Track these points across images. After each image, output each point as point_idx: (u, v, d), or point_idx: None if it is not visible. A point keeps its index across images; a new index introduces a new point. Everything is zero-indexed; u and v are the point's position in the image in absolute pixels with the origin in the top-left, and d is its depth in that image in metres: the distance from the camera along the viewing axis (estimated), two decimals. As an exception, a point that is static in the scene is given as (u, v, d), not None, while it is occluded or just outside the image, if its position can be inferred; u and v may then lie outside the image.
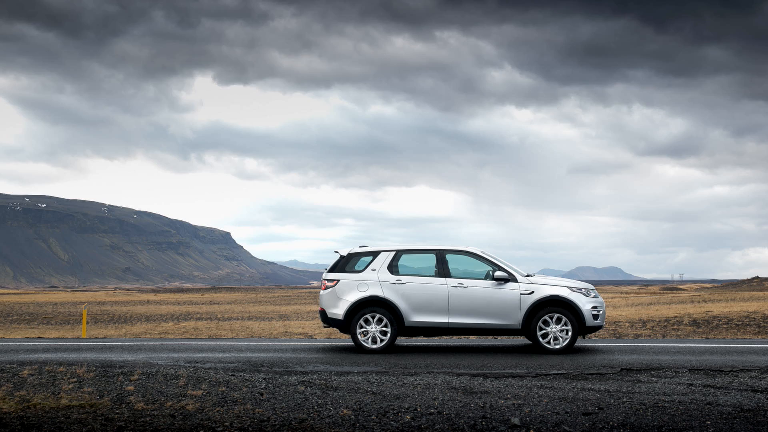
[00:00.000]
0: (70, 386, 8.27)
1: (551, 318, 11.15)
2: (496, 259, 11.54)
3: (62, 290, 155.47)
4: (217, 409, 7.15)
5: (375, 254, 11.64)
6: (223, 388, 8.06)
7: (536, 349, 11.37)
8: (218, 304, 58.70)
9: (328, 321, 11.58)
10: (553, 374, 8.99)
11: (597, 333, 20.00)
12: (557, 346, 11.11)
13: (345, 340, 14.82)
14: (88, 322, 35.22)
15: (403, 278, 11.41)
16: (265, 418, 6.77)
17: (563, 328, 11.13)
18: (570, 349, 11.18)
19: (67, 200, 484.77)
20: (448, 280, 11.35)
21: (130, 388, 8.13)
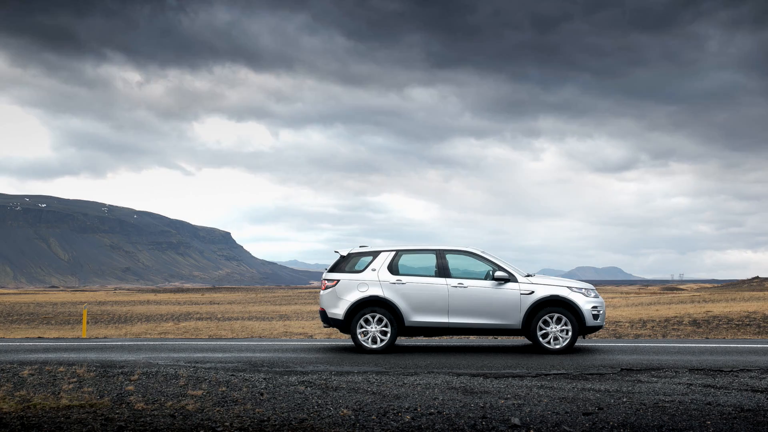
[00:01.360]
0: (70, 386, 8.27)
1: (551, 318, 11.15)
2: (497, 259, 11.53)
3: (62, 290, 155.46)
4: (217, 409, 7.15)
5: (375, 254, 11.64)
6: (223, 388, 8.06)
7: (536, 349, 11.37)
8: (218, 304, 58.71)
9: (328, 321, 11.58)
10: (553, 374, 8.98)
11: (597, 333, 20.00)
12: (557, 346, 11.11)
13: (345, 340, 14.82)
14: (88, 322, 35.23)
15: (403, 278, 11.40)
16: (265, 418, 6.77)
17: (563, 328, 11.13)
18: (570, 349, 11.18)
19: (67, 200, 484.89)
20: (448, 280, 11.35)
21: (130, 388, 8.13)
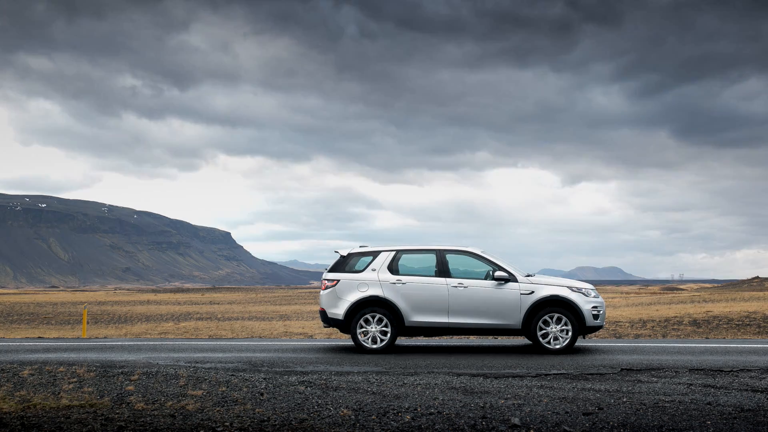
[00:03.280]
0: (71, 386, 8.28)
1: (551, 318, 11.15)
2: (497, 259, 11.53)
3: (62, 290, 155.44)
4: (218, 409, 7.15)
5: (375, 254, 11.64)
6: (224, 388, 8.06)
7: (536, 349, 11.37)
8: (218, 304, 58.70)
9: (328, 321, 11.58)
10: (553, 374, 8.99)
11: (597, 333, 20.00)
12: (557, 346, 11.11)
13: (345, 340, 14.82)
14: (88, 322, 35.23)
15: (404, 278, 11.40)
16: (266, 418, 6.78)
17: (563, 328, 11.13)
18: (570, 349, 11.18)
19: (67, 200, 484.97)
20: (448, 280, 11.35)
21: (131, 388, 8.13)
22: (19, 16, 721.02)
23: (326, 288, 11.64)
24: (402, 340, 14.12)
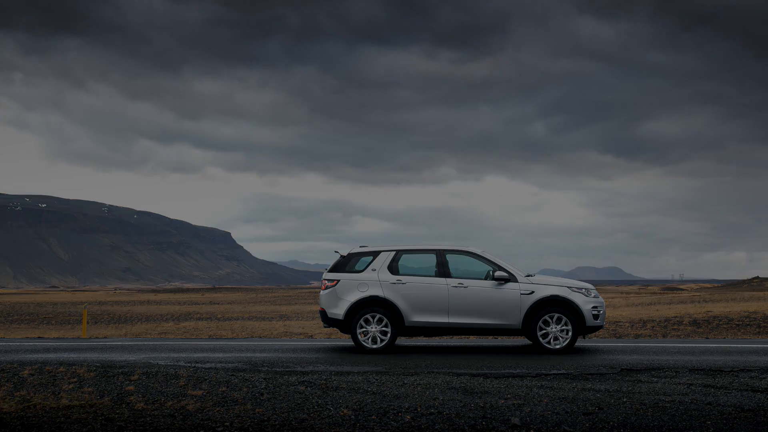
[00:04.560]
0: (71, 386, 8.28)
1: (551, 318, 11.15)
2: (497, 259, 11.53)
3: (62, 290, 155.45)
4: (218, 409, 7.16)
5: (375, 254, 11.64)
6: (224, 388, 8.06)
7: (536, 349, 11.37)
8: (218, 304, 58.72)
9: (328, 321, 11.58)
10: (553, 374, 8.99)
11: (597, 333, 20.00)
12: (557, 346, 11.11)
13: (345, 340, 14.83)
14: (88, 322, 35.23)
15: (404, 278, 11.40)
16: (266, 418, 6.78)
17: (563, 328, 11.13)
18: (570, 349, 11.19)
19: (67, 200, 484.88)
20: (449, 280, 11.35)
21: (131, 388, 8.14)
22: (65, 71, 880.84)
23: (326, 288, 11.64)
24: (402, 340, 14.12)
